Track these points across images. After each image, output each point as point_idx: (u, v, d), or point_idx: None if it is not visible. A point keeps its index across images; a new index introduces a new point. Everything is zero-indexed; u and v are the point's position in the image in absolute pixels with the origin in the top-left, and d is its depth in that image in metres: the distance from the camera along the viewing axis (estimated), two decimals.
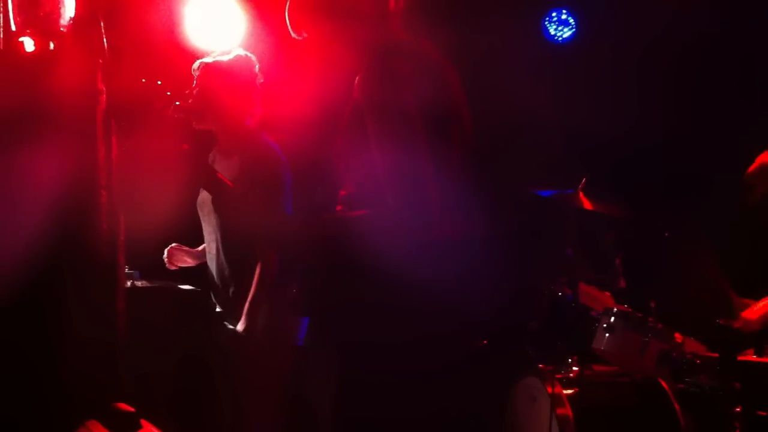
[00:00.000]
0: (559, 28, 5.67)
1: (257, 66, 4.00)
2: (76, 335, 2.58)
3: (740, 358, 4.17)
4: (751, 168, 4.52)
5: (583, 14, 5.75)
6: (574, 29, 5.69)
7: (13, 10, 2.59)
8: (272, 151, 3.94)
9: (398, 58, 2.71)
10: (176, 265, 4.26)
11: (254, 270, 3.84)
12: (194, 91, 3.89)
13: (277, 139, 4.04)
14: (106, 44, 2.61)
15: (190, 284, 4.41)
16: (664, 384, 4.45)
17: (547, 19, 5.69)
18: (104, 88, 2.46)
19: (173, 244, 4.25)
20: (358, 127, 2.69)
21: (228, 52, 3.99)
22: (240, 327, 3.82)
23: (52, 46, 2.56)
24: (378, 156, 2.62)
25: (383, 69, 2.68)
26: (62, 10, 2.62)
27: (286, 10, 2.86)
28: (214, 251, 4.00)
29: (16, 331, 2.56)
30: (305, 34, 2.86)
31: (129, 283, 4.31)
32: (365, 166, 2.69)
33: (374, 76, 2.68)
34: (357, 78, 2.72)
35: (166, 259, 4.24)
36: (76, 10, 2.67)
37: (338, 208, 2.81)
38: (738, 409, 4.04)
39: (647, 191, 5.47)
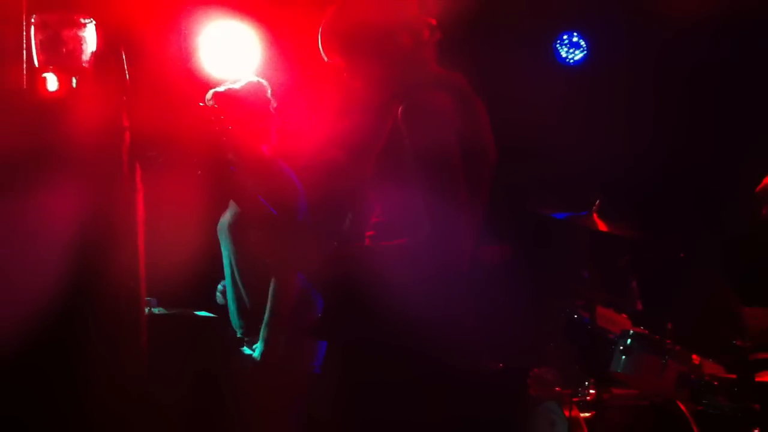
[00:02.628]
0: (571, 50, 5.69)
1: (270, 91, 4.01)
2: (100, 368, 2.60)
3: (758, 379, 4.16)
4: (760, 187, 4.53)
5: (594, 36, 5.77)
6: (585, 51, 5.71)
7: (36, 47, 2.61)
8: (287, 178, 3.95)
9: (440, 92, 2.71)
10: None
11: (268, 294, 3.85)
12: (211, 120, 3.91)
13: (302, 166, 4.06)
14: (128, 78, 2.63)
15: (207, 311, 4.41)
16: (682, 406, 4.44)
17: (559, 41, 5.71)
18: (128, 125, 2.49)
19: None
20: (394, 155, 2.70)
21: (240, 80, 4.01)
22: (257, 353, 3.82)
23: (74, 82, 2.58)
24: (418, 187, 2.64)
25: (428, 104, 2.67)
26: (84, 47, 2.65)
27: (320, 32, 2.84)
28: (230, 276, 4.02)
29: (42, 366, 2.57)
30: (337, 60, 2.84)
31: (147, 311, 4.31)
32: (397, 195, 2.70)
33: (419, 110, 2.67)
34: (400, 109, 2.71)
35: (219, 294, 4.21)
36: (97, 45, 2.69)
37: (369, 233, 2.81)
38: (757, 431, 4.03)
39: (662, 212, 5.48)
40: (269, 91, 4.02)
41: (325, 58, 2.87)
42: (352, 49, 2.81)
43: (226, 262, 4.06)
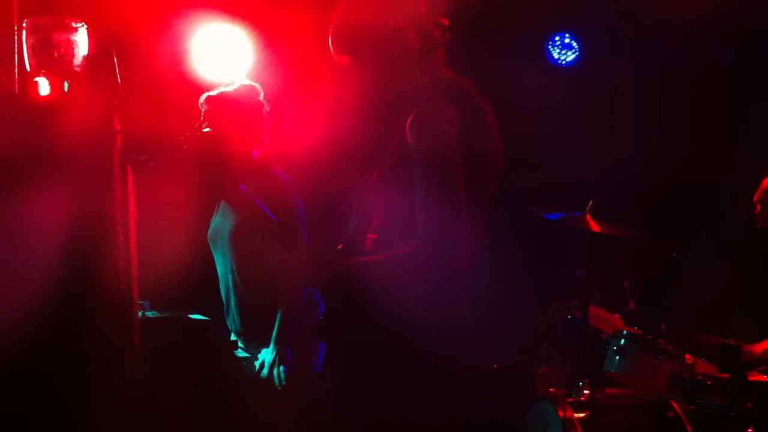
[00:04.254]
0: (563, 51, 5.70)
1: (262, 94, 4.01)
2: (93, 371, 2.60)
3: (751, 378, 4.18)
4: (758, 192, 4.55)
5: (586, 37, 5.79)
6: (577, 53, 5.73)
7: (27, 51, 2.62)
8: (282, 181, 3.95)
9: (447, 101, 2.69)
10: None
11: (272, 299, 3.84)
12: (201, 124, 3.92)
13: (297, 168, 4.07)
14: (120, 82, 2.64)
15: (200, 313, 4.41)
16: (675, 405, 4.45)
17: (551, 43, 5.72)
18: (120, 128, 2.49)
19: None
20: (400, 159, 2.70)
21: (232, 83, 4.01)
22: (268, 360, 3.82)
23: (66, 86, 2.58)
24: (417, 195, 2.64)
25: (435, 113, 2.66)
26: (76, 51, 2.65)
27: (330, 32, 2.83)
28: (230, 282, 4.00)
29: (34, 369, 2.58)
30: (346, 60, 2.82)
31: (140, 314, 4.31)
32: (401, 198, 2.70)
33: (426, 119, 2.66)
34: (409, 119, 2.70)
35: None
36: (89, 48, 2.69)
37: (371, 236, 2.81)
38: (750, 430, 4.04)
39: (655, 212, 5.49)
40: (262, 94, 4.01)
41: (335, 58, 2.85)
42: (360, 48, 2.79)
43: (222, 269, 4.05)
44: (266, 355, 3.85)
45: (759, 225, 4.42)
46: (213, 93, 3.95)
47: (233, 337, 4.06)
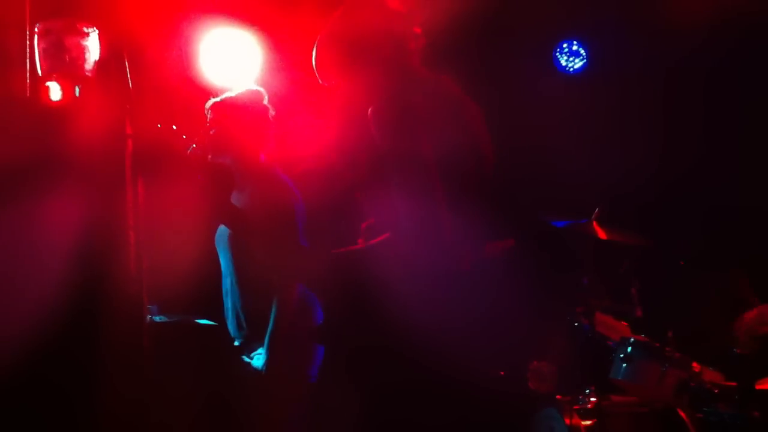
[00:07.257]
0: (570, 59, 5.71)
1: (267, 99, 4.03)
2: (102, 374, 2.61)
3: (758, 386, 4.17)
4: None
5: (593, 45, 5.79)
6: (585, 60, 5.72)
7: (39, 55, 2.63)
8: (283, 185, 3.96)
9: (412, 95, 2.79)
10: None
11: (269, 303, 3.85)
12: (208, 129, 3.94)
13: (297, 173, 4.08)
14: (131, 86, 2.65)
15: (208, 318, 4.42)
16: (682, 413, 4.44)
17: (558, 50, 5.72)
18: (131, 132, 2.50)
19: None
20: (378, 161, 2.75)
21: (238, 88, 4.03)
22: (261, 364, 3.83)
23: (78, 90, 2.60)
24: (393, 186, 2.69)
25: (395, 106, 2.76)
26: (87, 55, 2.67)
27: (313, 59, 2.94)
28: (229, 285, 4.02)
29: (45, 372, 2.59)
30: (332, 78, 2.94)
31: (148, 318, 4.32)
32: (386, 199, 2.74)
33: (386, 112, 2.76)
34: (369, 111, 2.80)
35: None
36: (100, 53, 2.71)
37: (360, 240, 2.86)
38: None
39: (661, 219, 5.49)
40: (266, 99, 4.03)
41: (320, 81, 3.00)
42: (342, 68, 2.92)
43: (224, 271, 4.07)
44: (261, 356, 3.86)
45: (739, 350, 4.42)
46: (217, 99, 3.98)
47: (236, 343, 4.06)
